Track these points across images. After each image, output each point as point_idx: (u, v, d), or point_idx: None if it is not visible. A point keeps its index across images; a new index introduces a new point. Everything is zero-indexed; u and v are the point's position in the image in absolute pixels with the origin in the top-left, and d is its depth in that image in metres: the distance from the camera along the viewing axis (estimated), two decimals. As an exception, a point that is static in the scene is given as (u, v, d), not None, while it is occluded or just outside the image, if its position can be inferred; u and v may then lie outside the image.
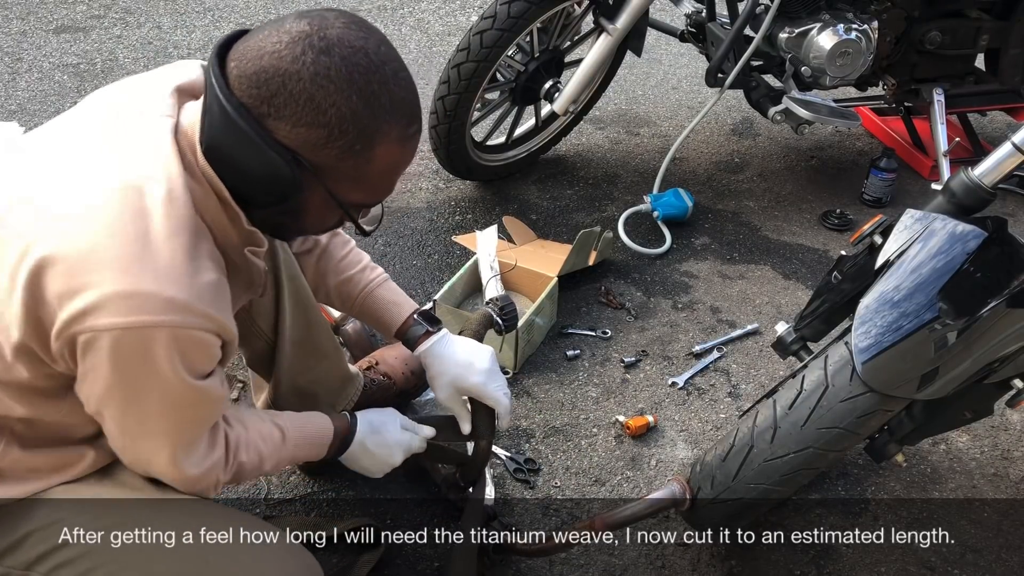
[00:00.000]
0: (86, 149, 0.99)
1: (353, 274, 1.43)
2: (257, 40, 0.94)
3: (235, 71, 0.94)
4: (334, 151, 0.96)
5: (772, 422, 1.41)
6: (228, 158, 0.97)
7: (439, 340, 1.41)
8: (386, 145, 0.99)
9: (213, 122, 0.95)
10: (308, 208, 1.03)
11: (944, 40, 2.53)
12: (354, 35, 0.94)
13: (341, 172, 0.99)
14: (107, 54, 3.34)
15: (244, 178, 0.98)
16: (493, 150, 2.63)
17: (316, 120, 0.93)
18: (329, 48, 0.92)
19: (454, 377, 1.40)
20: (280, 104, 0.93)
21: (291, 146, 0.95)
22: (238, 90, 0.94)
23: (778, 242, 2.53)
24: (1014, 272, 1.27)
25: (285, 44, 0.92)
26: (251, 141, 0.94)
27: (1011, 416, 1.95)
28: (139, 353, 0.93)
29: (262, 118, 0.94)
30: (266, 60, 0.92)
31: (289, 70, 0.92)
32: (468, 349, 1.43)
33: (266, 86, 0.93)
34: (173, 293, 0.92)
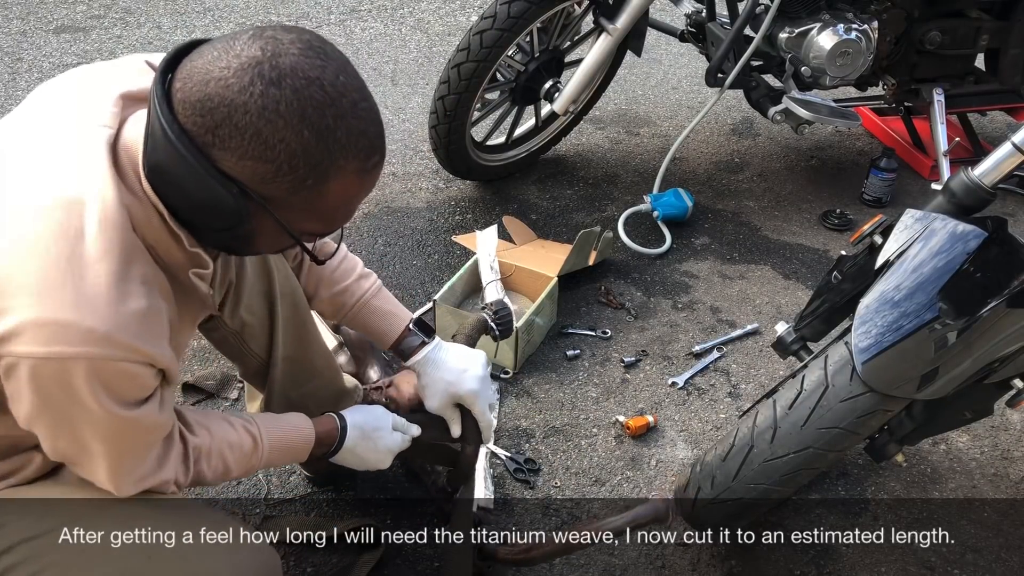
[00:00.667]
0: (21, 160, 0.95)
1: (347, 285, 1.40)
2: (205, 62, 0.87)
3: (179, 94, 0.87)
4: (284, 185, 0.90)
5: (772, 422, 1.41)
6: (170, 183, 0.91)
7: (433, 349, 1.40)
8: (342, 179, 0.92)
9: (156, 145, 0.89)
10: (258, 234, 0.97)
11: (944, 40, 2.53)
12: (309, 64, 0.87)
13: (292, 204, 0.93)
14: (107, 54, 3.34)
15: (187, 204, 0.93)
16: (493, 150, 2.63)
17: (263, 155, 0.87)
18: (280, 79, 0.85)
19: (447, 384, 1.39)
20: (225, 136, 0.86)
21: (237, 178, 0.89)
22: (182, 115, 0.87)
23: (778, 242, 2.53)
24: (1014, 272, 1.27)
25: (233, 71, 0.85)
26: (194, 170, 0.88)
27: (1011, 416, 1.95)
28: (59, 383, 0.89)
29: (206, 147, 0.88)
30: (212, 87, 0.85)
31: (236, 101, 0.85)
32: (462, 356, 1.41)
33: (211, 115, 0.86)
34: (93, 323, 0.87)
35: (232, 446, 1.17)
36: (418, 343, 1.40)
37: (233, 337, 1.36)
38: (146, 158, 0.92)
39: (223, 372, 1.91)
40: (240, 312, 1.32)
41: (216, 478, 1.16)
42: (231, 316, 1.33)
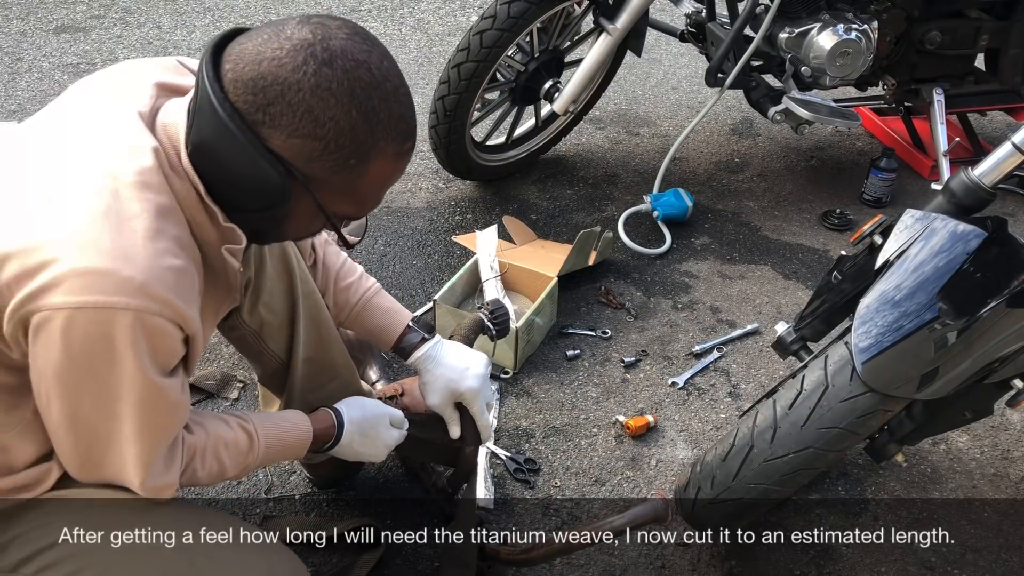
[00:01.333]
0: (61, 140, 0.97)
1: (351, 282, 1.41)
2: (256, 44, 0.91)
3: (230, 74, 0.91)
4: (328, 164, 0.94)
5: (772, 422, 1.41)
6: (216, 161, 0.93)
7: (434, 345, 1.40)
8: (381, 161, 0.96)
9: (204, 122, 0.92)
10: (292, 216, 1.00)
11: (944, 40, 2.53)
12: (357, 48, 0.92)
13: (332, 184, 0.96)
14: (107, 54, 3.34)
15: (231, 183, 0.95)
16: (493, 150, 2.63)
17: (313, 132, 0.91)
18: (332, 60, 0.89)
19: (448, 381, 1.39)
20: (276, 113, 0.90)
21: (284, 155, 0.92)
22: (233, 94, 0.91)
23: (778, 242, 2.53)
24: (1014, 272, 1.27)
25: (286, 52, 0.89)
26: (243, 148, 0.91)
27: (1011, 416, 1.95)
28: (94, 336, 0.87)
29: (256, 125, 0.91)
30: (265, 66, 0.89)
31: (289, 79, 0.89)
32: (463, 354, 1.42)
33: (263, 93, 0.90)
34: (131, 273, 0.87)
35: (228, 444, 1.15)
36: (418, 340, 1.40)
37: (252, 336, 1.36)
38: (191, 136, 0.94)
39: (223, 372, 1.91)
40: (259, 309, 1.32)
41: (210, 478, 1.13)
42: (250, 313, 1.32)
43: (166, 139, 0.96)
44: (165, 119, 0.98)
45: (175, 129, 0.97)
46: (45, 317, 0.87)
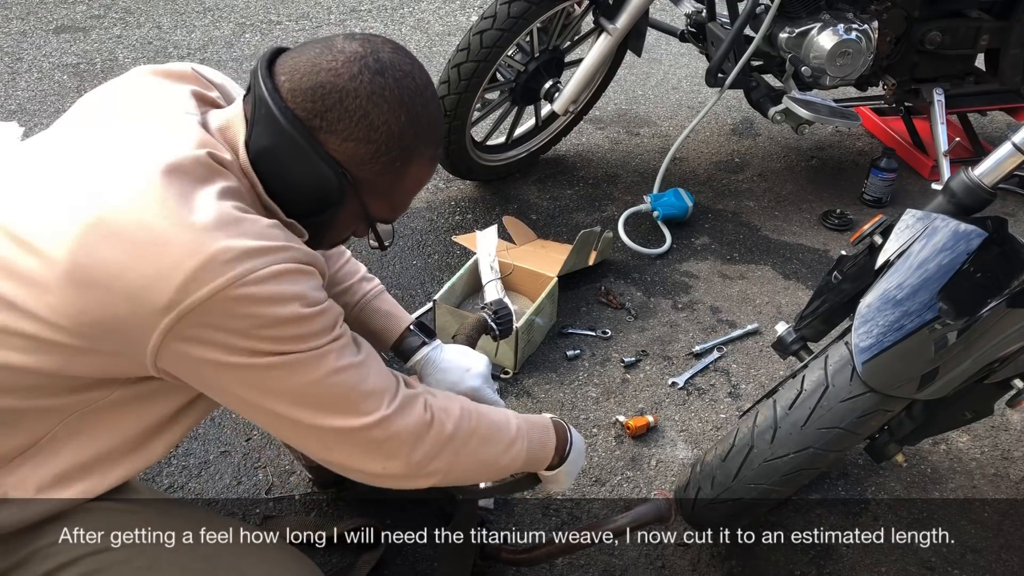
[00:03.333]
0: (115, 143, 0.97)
1: (351, 284, 1.41)
2: (310, 57, 0.98)
3: (287, 84, 0.97)
4: (377, 167, 1.00)
5: (772, 422, 1.41)
6: (277, 166, 0.99)
7: (434, 348, 1.40)
8: (418, 163, 1.03)
9: (264, 131, 0.97)
10: (337, 221, 1.05)
11: (944, 40, 2.53)
12: (402, 60, 1.00)
13: (376, 187, 1.03)
14: (107, 54, 3.34)
15: (291, 185, 1.00)
16: (493, 150, 2.63)
17: (367, 136, 0.97)
18: (383, 70, 0.97)
19: (450, 383, 1.38)
20: (334, 119, 0.96)
21: (338, 159, 0.98)
22: (291, 103, 0.96)
23: (778, 242, 2.53)
24: (1014, 272, 1.27)
25: (342, 63, 0.96)
26: (304, 152, 0.96)
27: (1011, 416, 1.95)
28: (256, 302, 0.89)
29: (314, 131, 0.97)
30: (323, 76, 0.96)
31: (347, 87, 0.95)
32: (463, 356, 1.41)
33: (322, 101, 0.96)
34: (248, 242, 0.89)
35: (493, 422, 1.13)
36: (418, 343, 1.40)
37: None
38: (251, 142, 0.99)
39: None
40: None
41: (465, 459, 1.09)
42: None
43: (224, 143, 1.00)
44: (220, 124, 1.01)
45: (232, 134, 1.01)
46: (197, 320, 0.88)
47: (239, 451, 1.77)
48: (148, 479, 1.70)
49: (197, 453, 1.76)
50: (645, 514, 1.37)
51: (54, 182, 0.94)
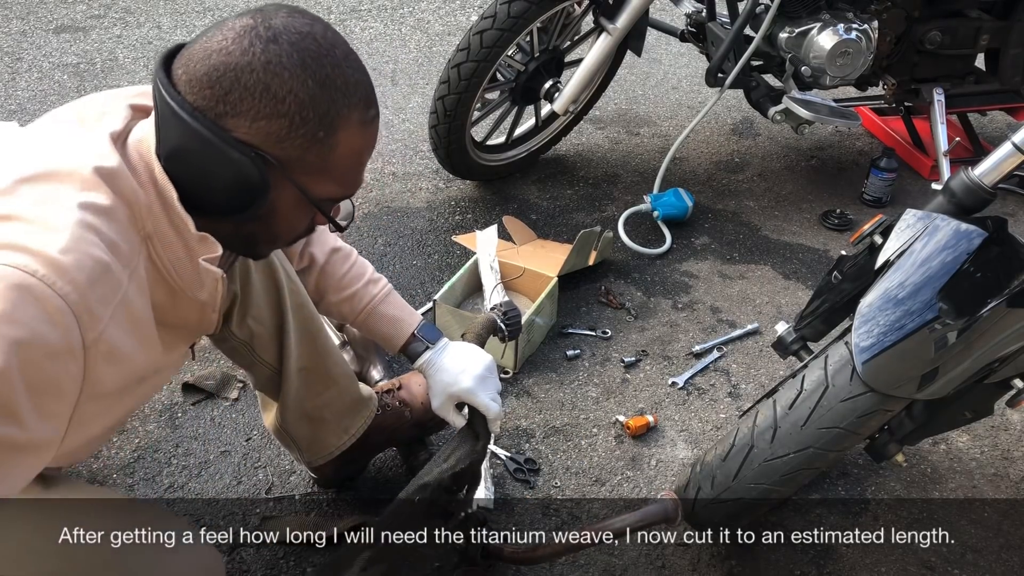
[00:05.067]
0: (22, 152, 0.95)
1: (356, 290, 1.40)
2: (201, 43, 0.92)
3: (183, 76, 0.92)
4: (298, 141, 0.93)
5: (772, 422, 1.41)
6: (189, 163, 0.93)
7: (437, 350, 1.40)
8: (349, 130, 0.96)
9: (169, 131, 0.92)
10: (278, 211, 0.99)
11: (944, 40, 2.53)
12: (299, 22, 0.93)
13: (308, 164, 0.96)
14: (107, 54, 3.34)
15: (208, 183, 0.94)
16: (493, 150, 2.63)
17: (275, 110, 0.91)
18: (276, 36, 0.90)
19: (447, 384, 1.39)
20: (235, 100, 0.90)
21: (253, 143, 0.92)
22: (190, 94, 0.91)
23: (778, 242, 2.53)
24: (1014, 272, 1.27)
25: (232, 39, 0.90)
26: (211, 143, 0.91)
27: (1011, 416, 1.95)
28: None
29: (219, 118, 0.91)
30: (215, 58, 0.90)
31: (240, 63, 0.90)
32: (464, 356, 1.41)
33: (219, 84, 0.90)
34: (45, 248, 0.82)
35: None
36: (422, 349, 1.40)
37: (243, 347, 1.37)
38: (161, 147, 0.94)
39: (223, 372, 1.91)
40: (248, 322, 1.33)
41: None
42: (239, 326, 1.33)
43: (137, 156, 0.95)
44: (135, 137, 0.97)
45: (146, 145, 0.96)
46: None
47: (239, 451, 1.77)
48: (149, 478, 1.70)
49: (197, 453, 1.76)
50: (652, 514, 1.37)
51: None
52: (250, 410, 1.85)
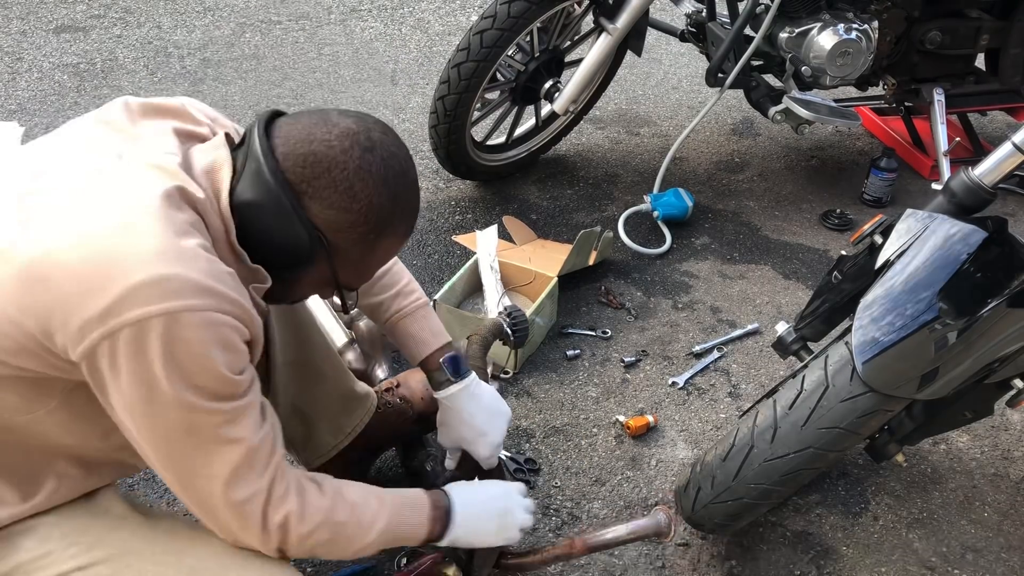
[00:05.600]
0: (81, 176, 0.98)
1: (383, 299, 1.41)
2: (306, 125, 1.03)
3: (282, 148, 1.02)
4: (353, 235, 1.05)
5: (772, 422, 1.41)
6: (257, 218, 1.02)
7: (462, 390, 1.40)
8: (390, 238, 1.09)
9: (251, 184, 1.02)
10: (302, 280, 1.10)
11: (944, 40, 2.53)
12: (391, 142, 1.06)
13: (348, 255, 1.08)
14: (107, 54, 3.34)
15: (265, 237, 1.04)
16: (493, 150, 2.63)
17: (349, 207, 1.03)
18: (373, 148, 1.03)
19: (466, 441, 1.41)
20: (320, 186, 1.01)
21: (317, 224, 1.03)
22: (283, 166, 1.02)
23: (778, 242, 2.53)
24: (1014, 272, 1.27)
25: (335, 136, 1.02)
26: (286, 211, 1.01)
27: (1011, 416, 1.95)
28: (172, 346, 0.90)
29: (299, 195, 1.02)
30: (316, 145, 1.01)
31: (337, 159, 1.01)
32: (486, 414, 1.41)
33: (312, 168, 1.01)
34: (197, 276, 0.92)
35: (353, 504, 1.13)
36: (443, 379, 1.40)
37: None
38: (236, 189, 1.03)
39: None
40: None
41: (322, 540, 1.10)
42: None
43: (208, 185, 1.03)
44: (205, 165, 1.04)
45: (217, 178, 1.03)
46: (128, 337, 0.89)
47: (239, 451, 1.77)
48: (148, 478, 1.70)
49: (197, 453, 1.76)
50: (645, 527, 1.37)
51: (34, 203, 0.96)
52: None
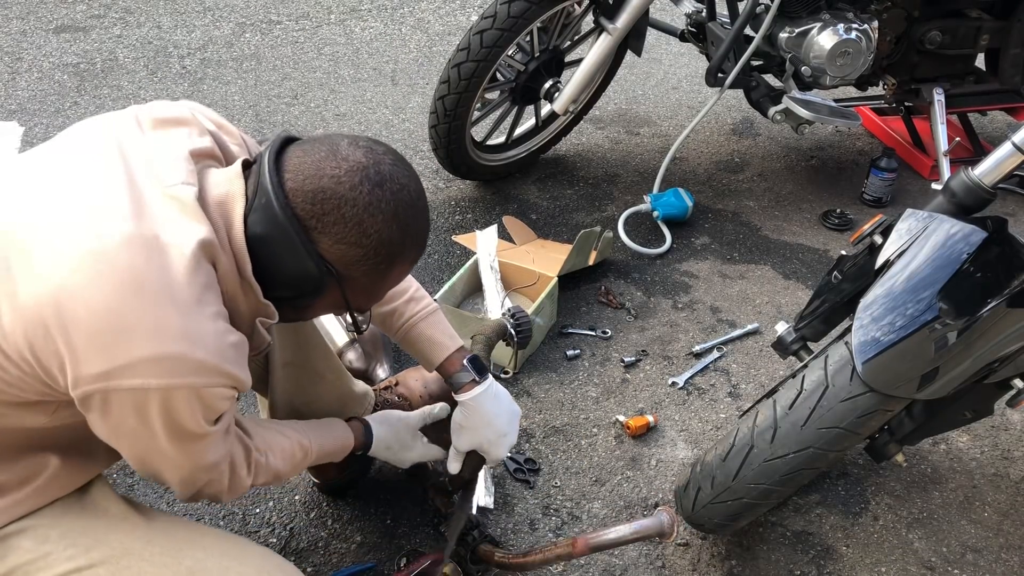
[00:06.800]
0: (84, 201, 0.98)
1: (396, 306, 1.42)
2: (315, 159, 1.03)
3: (291, 183, 1.02)
4: (364, 267, 1.06)
5: (772, 422, 1.41)
6: (268, 251, 1.04)
7: (484, 391, 1.40)
8: (401, 265, 1.11)
9: (263, 219, 1.02)
10: (315, 306, 1.13)
11: (944, 40, 2.53)
12: (400, 173, 1.07)
13: (359, 284, 1.09)
14: (107, 54, 3.34)
15: (276, 271, 1.05)
16: (493, 150, 2.63)
17: (359, 241, 1.03)
18: (383, 182, 1.04)
19: (485, 441, 1.42)
20: (330, 222, 1.02)
21: (327, 257, 1.04)
22: (293, 201, 1.02)
23: (778, 242, 2.53)
24: (1014, 272, 1.27)
25: (344, 171, 1.02)
26: (295, 248, 1.02)
27: (1011, 416, 1.95)
28: (163, 410, 0.96)
29: (308, 231, 1.02)
30: (325, 182, 1.02)
31: (347, 196, 1.01)
32: (505, 414, 1.43)
33: (321, 205, 1.01)
34: (203, 356, 0.95)
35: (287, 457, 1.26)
36: (468, 380, 1.40)
37: None
38: (249, 224, 1.04)
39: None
40: None
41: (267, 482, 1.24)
42: None
43: (219, 217, 1.03)
44: (215, 195, 1.04)
45: (229, 208, 1.04)
46: (119, 396, 0.94)
47: (239, 451, 1.77)
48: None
49: (197, 453, 1.76)
50: (648, 528, 1.37)
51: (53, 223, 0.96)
52: (250, 410, 1.85)
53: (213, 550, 1.12)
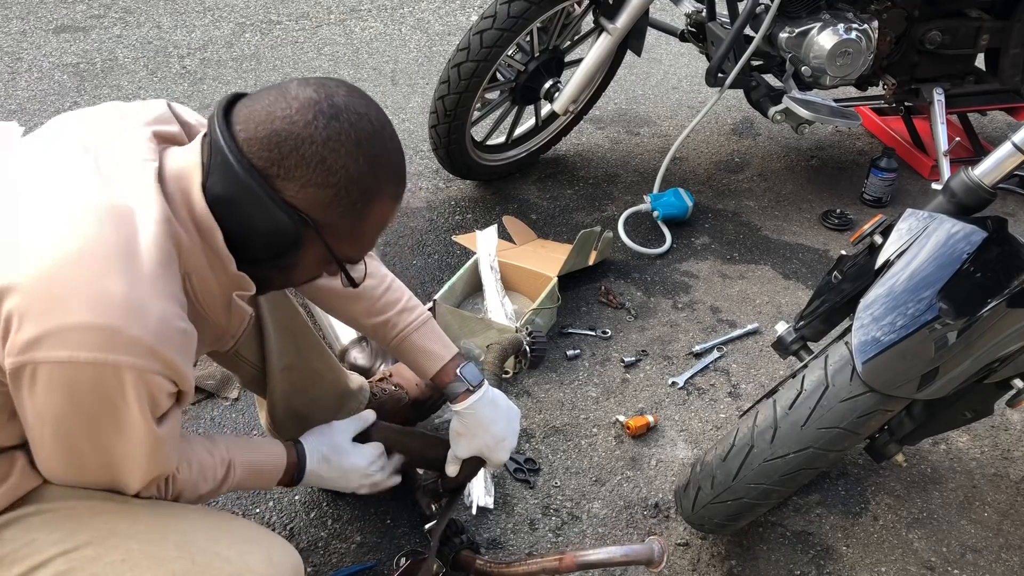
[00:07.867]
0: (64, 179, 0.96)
1: (389, 317, 1.40)
2: (264, 105, 0.98)
3: (243, 134, 0.97)
4: (338, 209, 1.00)
5: (772, 422, 1.41)
6: (234, 214, 0.99)
7: (481, 399, 1.39)
8: (382, 202, 1.04)
9: (221, 179, 0.98)
10: (301, 263, 1.06)
11: (944, 40, 2.53)
12: (356, 102, 1.00)
13: (339, 228, 1.03)
14: (107, 54, 3.34)
15: (247, 233, 1.00)
16: (493, 150, 2.63)
17: (326, 181, 0.98)
18: (338, 114, 0.97)
19: (486, 447, 1.41)
20: (291, 166, 0.97)
21: (298, 205, 0.99)
22: (248, 152, 0.97)
23: (778, 242, 2.53)
24: (1014, 272, 1.27)
25: (296, 110, 0.96)
26: (261, 200, 0.97)
27: (1011, 416, 1.95)
28: (98, 391, 0.91)
29: (271, 179, 0.97)
30: (277, 124, 0.96)
31: (302, 134, 0.96)
32: (503, 419, 1.42)
33: (278, 149, 0.96)
34: (140, 333, 0.90)
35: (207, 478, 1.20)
36: (463, 390, 1.39)
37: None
38: (208, 190, 0.99)
39: (223, 372, 1.91)
40: None
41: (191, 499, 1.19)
42: None
43: (178, 192, 0.99)
44: (172, 169, 1.01)
45: (187, 182, 1.00)
46: (47, 368, 0.88)
47: (239, 451, 1.77)
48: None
49: (197, 453, 1.76)
50: (638, 553, 1.38)
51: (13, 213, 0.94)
52: (250, 410, 1.85)
53: (199, 523, 1.10)
